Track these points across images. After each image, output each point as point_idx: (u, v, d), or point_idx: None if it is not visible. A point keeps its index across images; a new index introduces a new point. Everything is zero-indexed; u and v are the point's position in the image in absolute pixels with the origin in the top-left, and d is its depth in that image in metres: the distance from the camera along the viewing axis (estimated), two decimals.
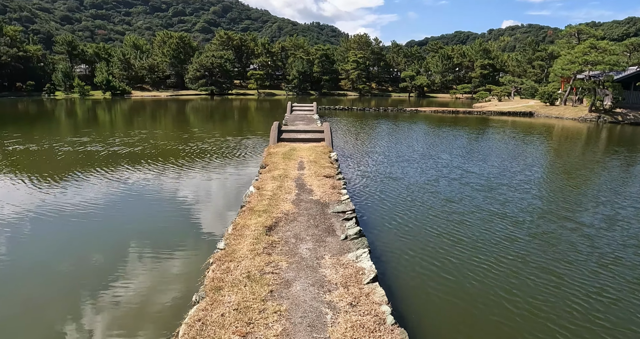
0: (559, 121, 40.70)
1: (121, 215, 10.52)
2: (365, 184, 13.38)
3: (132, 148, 19.69)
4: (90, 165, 15.72)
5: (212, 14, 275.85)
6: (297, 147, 15.08)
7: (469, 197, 12.27)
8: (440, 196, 12.29)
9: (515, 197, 12.28)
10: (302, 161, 13.20)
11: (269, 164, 12.87)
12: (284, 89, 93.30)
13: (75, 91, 78.77)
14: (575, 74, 43.28)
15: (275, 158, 13.51)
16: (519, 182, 14.22)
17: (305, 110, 34.65)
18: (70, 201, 11.10)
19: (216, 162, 16.52)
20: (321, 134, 16.85)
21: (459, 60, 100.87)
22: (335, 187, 10.44)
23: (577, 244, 8.88)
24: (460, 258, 8.03)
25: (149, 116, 42.29)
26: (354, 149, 20.18)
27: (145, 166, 15.74)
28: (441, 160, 17.73)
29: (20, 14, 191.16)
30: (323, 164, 12.74)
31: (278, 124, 16.66)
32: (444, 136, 26.80)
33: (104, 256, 7.86)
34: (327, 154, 14.36)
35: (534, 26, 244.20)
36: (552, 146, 23.88)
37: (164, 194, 12.32)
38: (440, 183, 13.84)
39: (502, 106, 51.60)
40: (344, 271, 5.85)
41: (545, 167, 17.37)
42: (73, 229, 9.23)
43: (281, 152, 14.25)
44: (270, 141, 15.93)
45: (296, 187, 10.33)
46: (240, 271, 5.72)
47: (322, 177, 11.29)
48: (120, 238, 8.81)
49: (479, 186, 13.48)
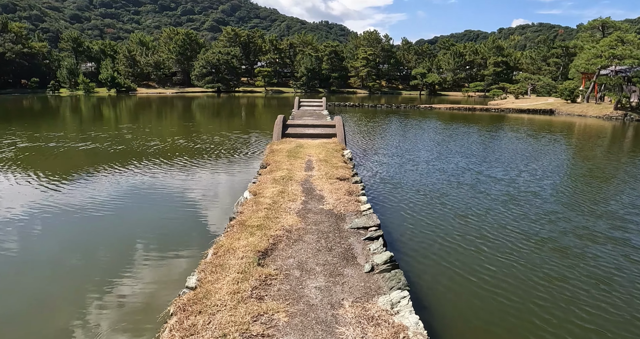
0: (582, 119, 38.08)
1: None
2: (385, 191, 11.27)
3: (121, 146, 17.73)
4: (79, 166, 13.81)
5: (221, 12, 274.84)
6: (305, 144, 12.95)
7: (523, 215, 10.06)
8: (479, 207, 10.10)
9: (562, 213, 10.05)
10: (310, 160, 11.09)
11: (271, 164, 10.78)
12: (292, 86, 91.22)
13: (80, 88, 77.47)
14: (600, 70, 40.66)
15: (278, 156, 11.41)
16: (554, 192, 11.97)
17: (314, 105, 32.50)
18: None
19: (212, 162, 14.44)
20: (332, 129, 14.68)
21: (471, 58, 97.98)
22: (352, 193, 8.30)
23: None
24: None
25: (151, 113, 40.44)
26: (368, 148, 18.01)
27: (135, 165, 13.76)
28: (468, 163, 15.51)
29: (30, 12, 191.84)
30: (335, 164, 10.62)
31: (283, 117, 14.53)
32: (464, 134, 24.51)
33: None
34: (340, 151, 12.22)
35: (544, 25, 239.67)
36: (582, 146, 21.49)
37: (145, 202, 10.29)
38: (472, 191, 11.63)
39: (520, 103, 48.98)
40: (375, 333, 3.72)
41: (578, 171, 15.06)
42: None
43: (286, 150, 12.14)
44: (273, 136, 13.79)
45: (303, 193, 8.21)
46: (212, 333, 3.61)
47: (334, 179, 9.17)
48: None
49: (522, 197, 11.27)
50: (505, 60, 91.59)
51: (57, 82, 78.70)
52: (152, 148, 17.14)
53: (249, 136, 21.45)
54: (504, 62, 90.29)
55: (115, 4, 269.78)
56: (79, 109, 43.68)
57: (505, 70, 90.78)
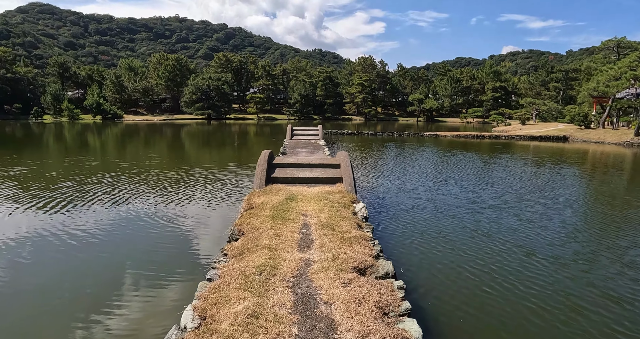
0: (600, 147, 34.87)
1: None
2: (414, 258, 7.46)
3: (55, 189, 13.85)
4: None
5: (215, 40, 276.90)
6: (299, 194, 9.13)
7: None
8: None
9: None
10: (307, 224, 7.27)
11: (246, 232, 6.95)
12: (285, 113, 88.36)
13: (65, 115, 74.00)
14: (615, 93, 37.84)
15: (258, 218, 7.58)
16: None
17: (309, 134, 28.93)
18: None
19: (163, 223, 10.50)
20: (335, 170, 10.91)
21: (468, 83, 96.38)
22: (386, 308, 4.49)
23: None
24: None
25: (132, 142, 36.60)
26: (384, 192, 14.24)
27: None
28: (520, 209, 11.77)
29: (23, 39, 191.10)
30: (346, 232, 6.81)
31: (269, 154, 10.74)
32: (491, 168, 20.92)
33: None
34: (350, 207, 8.40)
35: (534, 52, 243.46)
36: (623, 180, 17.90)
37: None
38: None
39: (529, 130, 45.90)
40: None
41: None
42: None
43: (271, 205, 8.31)
44: (255, 182, 9.91)
45: (294, 312, 4.37)
46: None
47: (350, 272, 5.33)
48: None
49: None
50: (504, 85, 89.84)
51: (40, 108, 75.39)
52: (117, 188, 13.26)
53: (230, 175, 17.67)
54: (502, 87, 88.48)
55: (110, 31, 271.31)
56: (60, 137, 39.85)
57: (504, 95, 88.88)
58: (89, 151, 27.94)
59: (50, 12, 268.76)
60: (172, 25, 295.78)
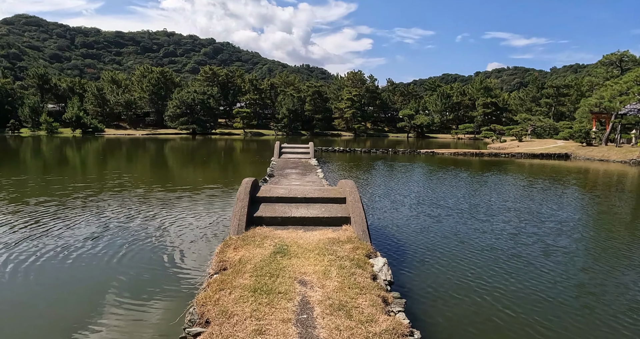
0: (605, 165, 33.14)
1: None
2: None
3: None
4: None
5: (203, 55, 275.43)
6: (292, 243, 6.55)
7: None
8: None
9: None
10: (306, 303, 4.70)
11: (211, 325, 4.35)
12: (273, 128, 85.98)
13: (43, 128, 70.54)
14: (619, 109, 36.35)
15: (231, 294, 4.96)
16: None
17: (299, 152, 26.45)
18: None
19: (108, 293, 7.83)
20: (340, 206, 8.28)
21: (458, 99, 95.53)
22: None
23: None
24: None
25: (112, 158, 33.57)
26: (400, 232, 11.71)
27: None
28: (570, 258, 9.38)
29: (8, 51, 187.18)
30: (369, 324, 4.25)
31: (252, 184, 8.16)
32: (519, 193, 18.65)
33: None
34: (366, 266, 5.83)
35: (519, 68, 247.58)
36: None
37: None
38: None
39: (528, 147, 44.14)
40: None
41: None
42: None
43: (252, 266, 5.70)
44: (231, 225, 7.24)
45: None
46: None
47: None
48: None
49: None
50: (494, 101, 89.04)
51: (17, 121, 72.01)
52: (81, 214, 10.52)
53: (208, 206, 15.03)
54: (493, 103, 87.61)
55: (97, 44, 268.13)
56: (37, 151, 36.63)
57: (495, 111, 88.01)
58: (52, 168, 24.96)
59: (37, 25, 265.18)
60: (159, 39, 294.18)
